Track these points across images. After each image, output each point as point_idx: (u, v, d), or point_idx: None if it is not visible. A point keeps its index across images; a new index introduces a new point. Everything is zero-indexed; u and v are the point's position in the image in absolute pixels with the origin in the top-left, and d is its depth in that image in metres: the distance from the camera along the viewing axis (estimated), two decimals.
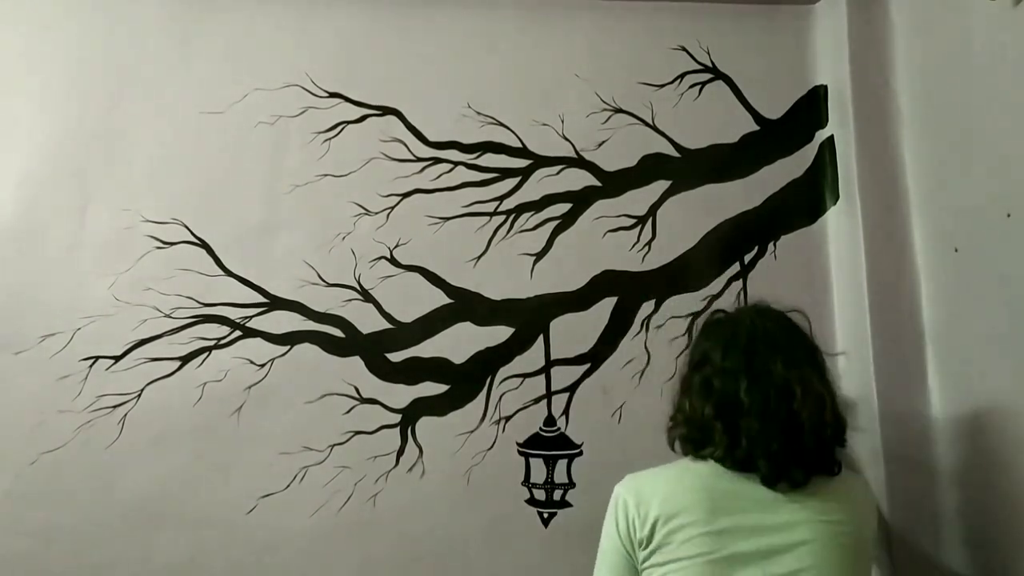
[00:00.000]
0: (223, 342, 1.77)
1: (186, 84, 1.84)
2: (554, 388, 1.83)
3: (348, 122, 1.86)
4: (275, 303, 1.80)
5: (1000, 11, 1.40)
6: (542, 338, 1.84)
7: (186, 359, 1.76)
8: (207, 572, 1.69)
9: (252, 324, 1.78)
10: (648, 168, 1.91)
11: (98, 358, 1.73)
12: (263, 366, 1.77)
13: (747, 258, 1.90)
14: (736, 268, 1.90)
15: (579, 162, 1.90)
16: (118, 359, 1.74)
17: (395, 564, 1.73)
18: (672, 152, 1.92)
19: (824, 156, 1.93)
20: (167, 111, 1.83)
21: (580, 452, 1.81)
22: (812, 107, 1.95)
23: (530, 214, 1.88)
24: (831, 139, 1.92)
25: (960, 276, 1.55)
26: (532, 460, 1.80)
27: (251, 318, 1.79)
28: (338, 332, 1.80)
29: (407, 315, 1.82)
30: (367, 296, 1.82)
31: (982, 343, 1.48)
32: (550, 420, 1.82)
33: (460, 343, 1.82)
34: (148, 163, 1.81)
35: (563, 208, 1.88)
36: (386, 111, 1.88)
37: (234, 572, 1.70)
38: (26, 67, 1.81)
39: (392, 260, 1.83)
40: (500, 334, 1.83)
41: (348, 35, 1.90)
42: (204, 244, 1.80)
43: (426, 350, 1.82)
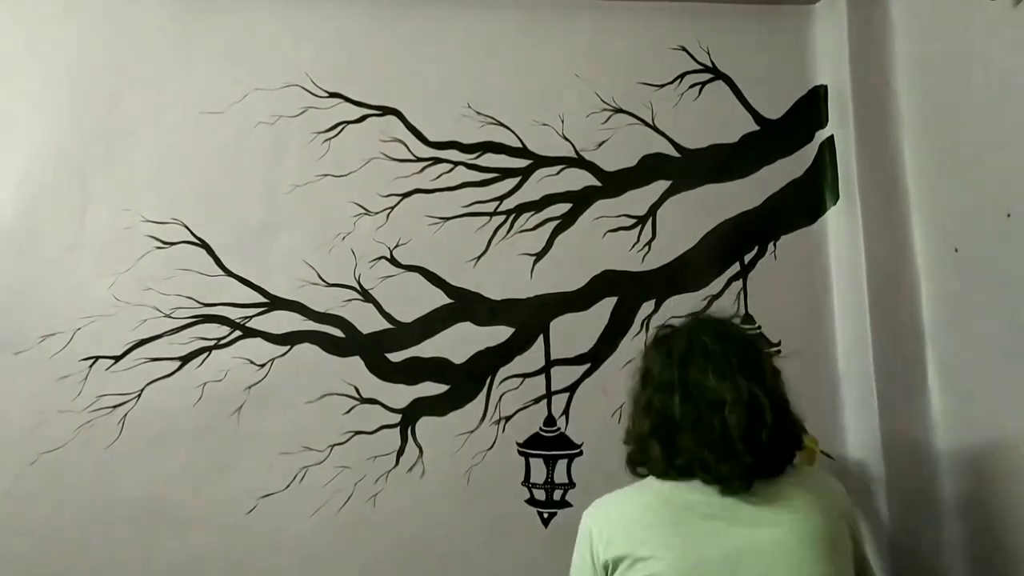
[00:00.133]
0: (223, 342, 1.77)
1: (186, 84, 1.84)
2: (554, 388, 1.83)
3: (348, 122, 1.86)
4: (275, 303, 1.80)
5: (1000, 11, 1.40)
6: (542, 338, 1.84)
7: (186, 359, 1.76)
8: (207, 572, 1.69)
9: (252, 324, 1.78)
10: (648, 168, 1.91)
11: (98, 358, 1.74)
12: (263, 366, 1.77)
13: (747, 258, 1.90)
14: (736, 268, 1.90)
15: (579, 162, 1.90)
16: (118, 359, 1.74)
17: (395, 564, 1.74)
18: (672, 152, 1.92)
19: (824, 156, 1.93)
20: (167, 111, 1.83)
21: (580, 452, 1.81)
22: (812, 107, 1.95)
23: (530, 214, 1.88)
24: (831, 139, 1.92)
25: (960, 276, 1.55)
26: (532, 460, 1.80)
27: (251, 318, 1.79)
28: (338, 332, 1.80)
29: (407, 315, 1.82)
30: (367, 296, 1.82)
31: (982, 343, 1.48)
32: (550, 420, 1.82)
33: (460, 343, 1.82)
34: (148, 163, 1.81)
35: (563, 208, 1.88)
36: (386, 111, 1.88)
37: (234, 572, 1.70)
38: (26, 67, 1.81)
39: (392, 260, 1.83)
40: (500, 334, 1.83)
41: (348, 35, 1.90)
42: (204, 244, 1.80)
43: (426, 350, 1.82)
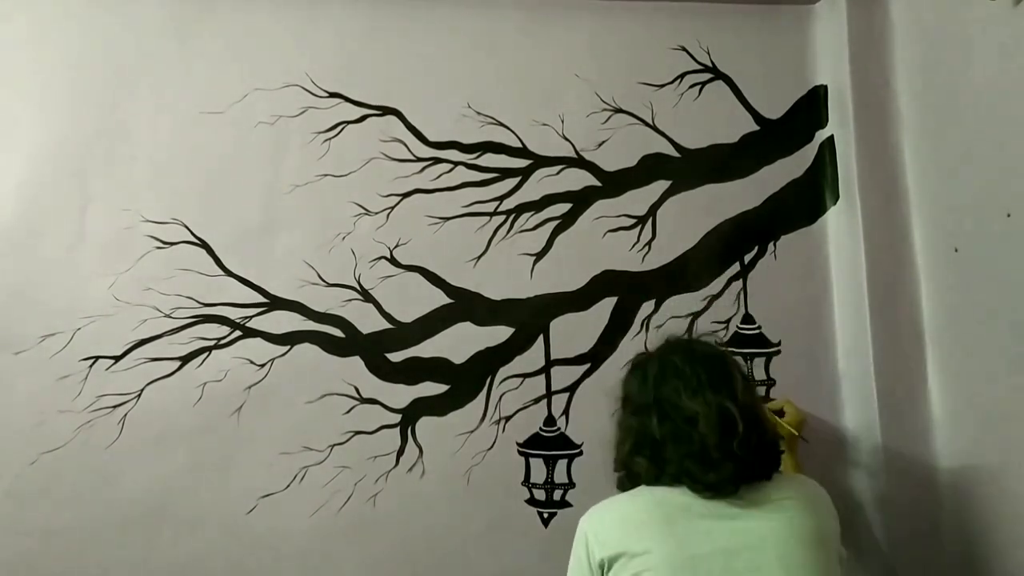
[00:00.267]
0: (223, 342, 1.77)
1: (186, 84, 1.84)
2: (554, 388, 1.83)
3: (348, 122, 1.86)
4: (275, 303, 1.80)
5: (1000, 11, 1.40)
6: (542, 338, 1.84)
7: (186, 359, 1.76)
8: (207, 572, 1.69)
9: (252, 324, 1.78)
10: (648, 168, 1.91)
11: (98, 358, 1.74)
12: (263, 366, 1.77)
13: (747, 258, 1.90)
14: (736, 268, 1.90)
15: (579, 162, 1.90)
16: (118, 359, 1.74)
17: (395, 564, 1.74)
18: (672, 152, 1.92)
19: (824, 156, 1.93)
20: (167, 111, 1.83)
21: (580, 452, 1.81)
22: (812, 107, 1.95)
23: (530, 214, 1.88)
24: (831, 139, 1.92)
25: (960, 276, 1.55)
26: (532, 460, 1.80)
27: (251, 318, 1.79)
28: (338, 332, 1.80)
29: (407, 315, 1.82)
30: (367, 296, 1.82)
31: (982, 343, 1.48)
32: (550, 420, 1.82)
33: (460, 343, 1.82)
34: (148, 163, 1.81)
35: (563, 208, 1.88)
36: (386, 111, 1.88)
37: (234, 572, 1.70)
38: (26, 67, 1.81)
39: (392, 260, 1.83)
40: (500, 334, 1.83)
41: (348, 35, 1.90)
42: (204, 244, 1.80)
43: (426, 350, 1.82)
